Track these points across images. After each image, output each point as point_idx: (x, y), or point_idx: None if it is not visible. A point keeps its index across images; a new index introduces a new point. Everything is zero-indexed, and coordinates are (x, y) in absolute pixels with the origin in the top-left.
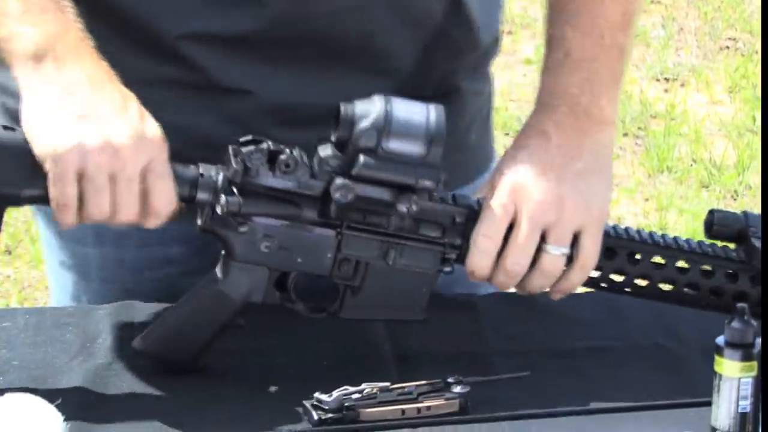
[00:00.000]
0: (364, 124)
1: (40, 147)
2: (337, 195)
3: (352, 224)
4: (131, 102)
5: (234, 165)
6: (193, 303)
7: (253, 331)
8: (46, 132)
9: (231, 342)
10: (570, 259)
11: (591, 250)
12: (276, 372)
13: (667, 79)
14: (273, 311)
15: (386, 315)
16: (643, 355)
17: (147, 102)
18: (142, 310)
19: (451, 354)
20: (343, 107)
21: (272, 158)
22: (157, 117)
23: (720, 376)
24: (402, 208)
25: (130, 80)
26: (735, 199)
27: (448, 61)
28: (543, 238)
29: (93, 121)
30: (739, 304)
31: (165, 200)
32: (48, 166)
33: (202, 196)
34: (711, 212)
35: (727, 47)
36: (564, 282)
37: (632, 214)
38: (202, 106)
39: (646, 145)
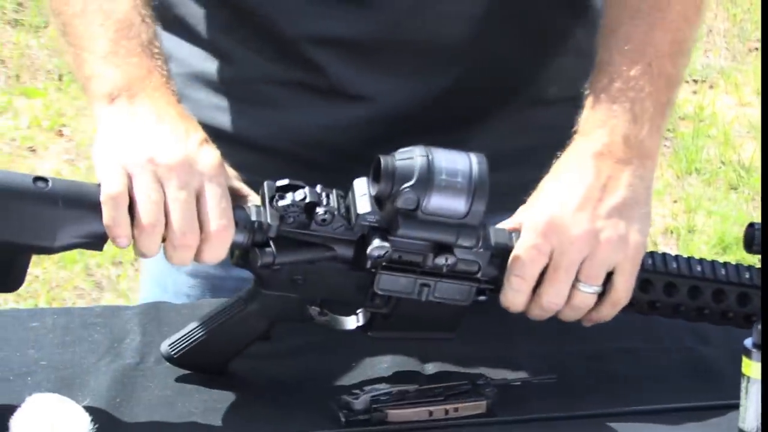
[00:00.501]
0: (405, 184)
1: (96, 165)
2: (374, 254)
3: (386, 264)
4: (195, 134)
5: (269, 219)
6: (222, 321)
7: (280, 334)
8: (102, 158)
9: (259, 344)
10: (603, 294)
11: (623, 287)
12: (303, 374)
13: (695, 81)
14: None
15: (416, 336)
16: (671, 357)
17: (268, 101)
18: (170, 311)
19: (479, 355)
20: (383, 161)
21: (309, 209)
22: (276, 117)
23: (748, 378)
24: (439, 261)
25: (255, 79)
26: None
27: (568, 69)
28: (576, 274)
29: (148, 140)
30: None
31: (221, 222)
32: (99, 172)
33: (238, 238)
34: (751, 225)
35: (756, 49)
36: (594, 314)
37: (661, 216)
38: (321, 110)
39: (674, 146)
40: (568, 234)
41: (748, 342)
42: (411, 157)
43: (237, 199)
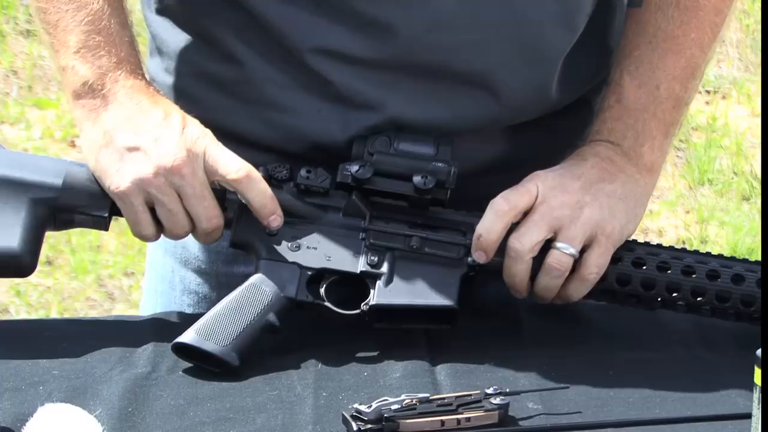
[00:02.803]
0: (375, 139)
1: (106, 189)
2: (357, 173)
3: (375, 215)
4: (172, 116)
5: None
6: (229, 299)
7: (291, 343)
8: (106, 175)
9: (271, 353)
10: (573, 270)
11: (594, 263)
12: (316, 383)
13: (708, 92)
14: (310, 321)
15: (417, 301)
16: (683, 367)
17: (276, 104)
18: (182, 321)
19: (492, 365)
20: (356, 141)
21: (293, 174)
22: (284, 119)
23: (759, 388)
24: (417, 178)
25: (263, 82)
26: None
27: (569, 95)
28: (554, 239)
29: (142, 151)
30: None
31: (229, 167)
32: (119, 205)
33: (229, 214)
34: None
35: None
36: (563, 291)
37: (673, 227)
38: (330, 115)
39: (687, 157)
40: (557, 193)
41: (758, 352)
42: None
43: None
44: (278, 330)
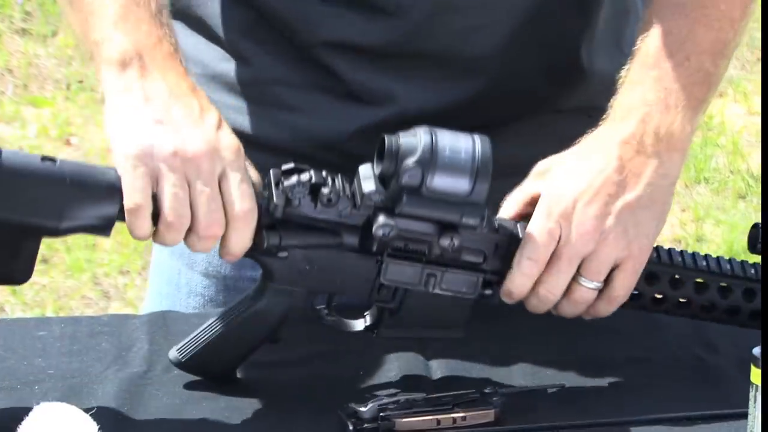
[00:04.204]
0: (408, 161)
1: (115, 150)
2: (379, 232)
3: (392, 252)
4: (210, 113)
5: (275, 199)
6: (231, 321)
7: (288, 341)
8: (121, 136)
9: (267, 352)
10: (601, 289)
11: (622, 285)
12: (311, 382)
13: None
14: (308, 321)
15: (424, 334)
16: (681, 366)
17: (285, 103)
18: (178, 320)
19: (487, 363)
20: (387, 140)
21: (314, 190)
22: (293, 119)
23: (756, 387)
24: (444, 242)
25: (273, 82)
26: None
27: (583, 81)
28: (578, 268)
29: (168, 127)
30: None
31: (244, 205)
32: (121, 169)
33: None
34: (755, 227)
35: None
36: (591, 309)
37: (669, 225)
38: (338, 113)
39: None
40: (577, 226)
41: (756, 350)
42: (415, 135)
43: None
44: (280, 341)
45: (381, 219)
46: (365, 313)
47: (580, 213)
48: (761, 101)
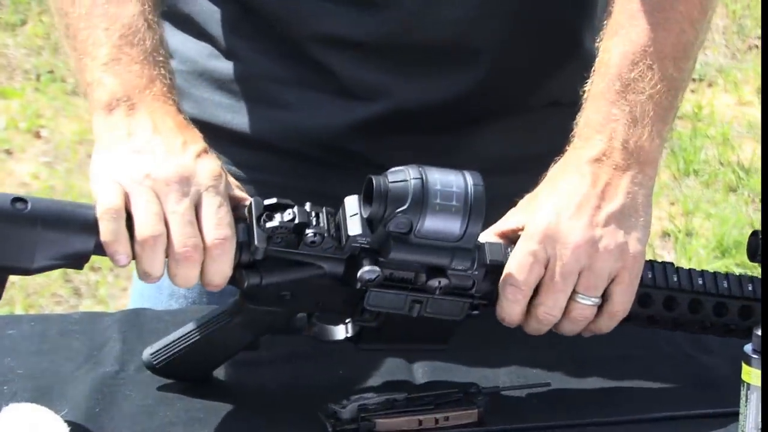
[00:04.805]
0: (397, 208)
1: (92, 180)
2: (364, 277)
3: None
4: (192, 146)
5: (257, 242)
6: (207, 332)
7: (266, 341)
8: (99, 167)
9: (244, 353)
10: (600, 305)
11: (622, 298)
12: (290, 382)
13: (694, 80)
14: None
15: (406, 348)
16: (669, 364)
17: (275, 100)
18: (151, 318)
19: (471, 363)
20: (375, 181)
21: (298, 230)
22: (283, 116)
23: (748, 385)
24: (432, 284)
25: (262, 78)
26: None
27: (578, 74)
28: (574, 285)
29: (145, 156)
30: None
31: (219, 233)
32: (96, 194)
33: None
34: (755, 234)
35: (756, 46)
36: (592, 325)
37: (657, 219)
38: (329, 109)
39: (671, 147)
40: (566, 242)
41: (747, 348)
42: (404, 180)
43: (238, 210)
44: (257, 348)
45: (366, 266)
46: (347, 321)
47: (567, 228)
48: (761, 101)
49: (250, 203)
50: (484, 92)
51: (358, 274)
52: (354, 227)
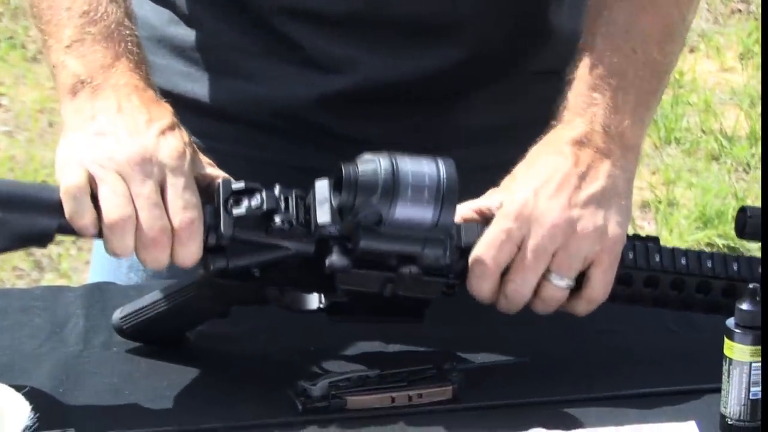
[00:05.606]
0: (367, 199)
1: (57, 165)
2: (332, 265)
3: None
4: (156, 123)
5: (223, 228)
6: (178, 301)
7: (235, 315)
8: (63, 151)
9: (213, 327)
10: (578, 289)
11: (600, 283)
12: (259, 358)
13: None
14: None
15: (379, 321)
16: (651, 339)
17: (239, 70)
18: (116, 292)
19: (445, 338)
20: (345, 170)
21: (266, 217)
22: (247, 87)
23: (730, 360)
24: (404, 271)
25: (225, 47)
26: (747, 173)
27: (553, 45)
28: (549, 265)
29: (108, 138)
30: (750, 285)
31: (185, 216)
32: (59, 177)
33: None
34: (743, 210)
35: (739, 11)
36: (569, 309)
37: (638, 189)
38: (296, 81)
39: None
40: (542, 221)
41: (730, 322)
42: (375, 169)
43: (209, 188)
44: (227, 316)
45: (335, 256)
46: (318, 302)
47: (544, 207)
48: (761, 101)
49: (218, 185)
50: (457, 68)
51: (327, 262)
52: (323, 216)
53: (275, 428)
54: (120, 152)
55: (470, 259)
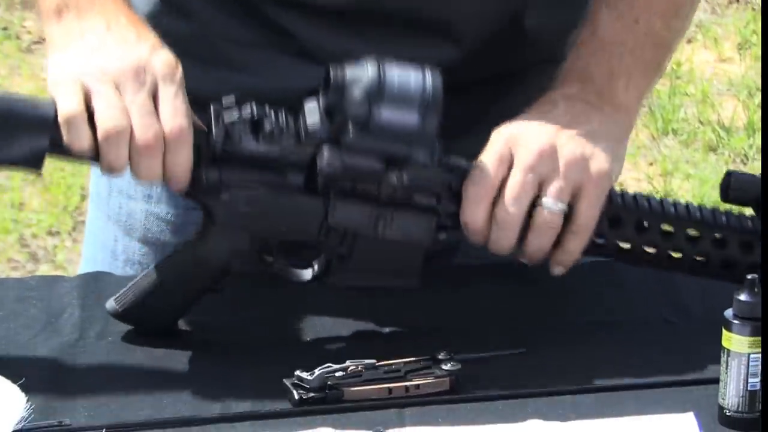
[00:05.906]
0: (355, 91)
1: (49, 80)
2: (323, 165)
3: (339, 192)
4: (145, 39)
5: (215, 135)
6: (169, 268)
7: (232, 305)
8: (55, 68)
9: (209, 316)
10: (565, 224)
11: (587, 213)
12: (256, 348)
13: None
14: (255, 284)
15: (376, 282)
16: (648, 330)
17: (231, 61)
18: (111, 282)
19: (442, 329)
20: (332, 70)
21: (256, 125)
22: (240, 79)
23: (728, 351)
24: (392, 179)
25: (217, 38)
26: (745, 164)
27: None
28: (539, 193)
29: (100, 52)
30: (749, 276)
31: (176, 122)
32: (54, 93)
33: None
34: (728, 174)
35: (737, 1)
36: (561, 252)
37: (635, 180)
38: (290, 73)
39: (649, 105)
40: (530, 145)
41: (728, 313)
42: (362, 66)
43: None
44: (218, 291)
45: (326, 153)
46: (313, 262)
47: (532, 132)
48: (761, 101)
49: (210, 106)
50: (451, 63)
51: (318, 165)
52: (313, 118)
53: (271, 419)
54: (113, 64)
55: (465, 183)
